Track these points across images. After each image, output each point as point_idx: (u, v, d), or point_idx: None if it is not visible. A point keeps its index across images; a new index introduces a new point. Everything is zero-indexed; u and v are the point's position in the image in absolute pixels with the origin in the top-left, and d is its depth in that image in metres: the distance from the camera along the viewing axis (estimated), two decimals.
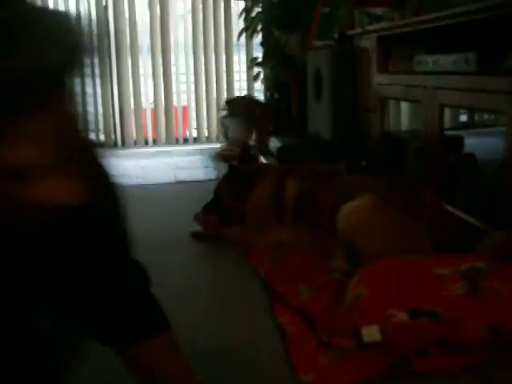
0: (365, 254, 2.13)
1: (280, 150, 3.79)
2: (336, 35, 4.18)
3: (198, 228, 2.89)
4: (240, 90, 6.26)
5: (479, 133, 4.06)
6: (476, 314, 1.65)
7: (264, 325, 1.90)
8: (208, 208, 2.86)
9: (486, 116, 4.36)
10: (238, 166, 2.90)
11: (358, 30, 3.73)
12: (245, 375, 1.60)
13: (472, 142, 3.05)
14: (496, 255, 1.90)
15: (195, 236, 2.86)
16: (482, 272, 1.75)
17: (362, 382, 1.55)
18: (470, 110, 3.02)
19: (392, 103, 3.63)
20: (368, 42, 3.62)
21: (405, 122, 3.72)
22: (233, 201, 2.75)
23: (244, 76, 6.33)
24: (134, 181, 4.43)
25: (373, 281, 1.81)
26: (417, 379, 1.56)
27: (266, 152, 4.40)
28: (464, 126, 4.46)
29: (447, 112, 2.87)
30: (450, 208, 2.59)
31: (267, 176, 2.70)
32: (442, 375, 1.58)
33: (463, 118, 4.53)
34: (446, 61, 2.69)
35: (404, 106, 3.70)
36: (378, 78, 3.50)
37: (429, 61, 2.86)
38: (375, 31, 3.48)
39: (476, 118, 4.52)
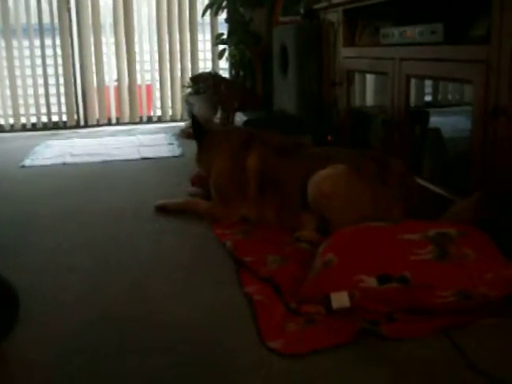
0: (335, 222, 2.11)
1: (246, 123, 3.75)
2: (302, 10, 4.13)
3: (161, 201, 2.84)
4: (205, 68, 6.19)
5: (443, 112, 4.08)
6: (445, 279, 1.64)
7: (231, 294, 1.87)
8: None
9: (449, 96, 4.38)
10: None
11: (324, 4, 3.70)
12: (212, 343, 1.57)
13: (436, 120, 3.06)
14: (463, 221, 1.89)
15: (160, 209, 2.81)
16: (451, 237, 1.74)
17: (330, 347, 1.52)
18: (436, 80, 3.01)
19: (358, 77, 3.61)
20: (334, 16, 3.58)
21: (370, 96, 3.70)
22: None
23: (209, 55, 6.26)
24: (97, 158, 4.34)
25: (342, 247, 1.78)
26: (386, 343, 1.55)
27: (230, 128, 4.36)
28: (428, 105, 4.48)
29: (412, 91, 2.86)
30: (417, 179, 2.59)
31: (226, 141, 2.66)
32: (410, 339, 1.56)
33: (428, 98, 4.55)
34: (412, 32, 2.67)
35: (370, 79, 3.68)
36: (345, 52, 3.47)
37: (395, 33, 2.84)
38: (341, 4, 3.45)
39: (440, 97, 4.55)
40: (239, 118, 4.03)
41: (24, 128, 6.01)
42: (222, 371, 1.45)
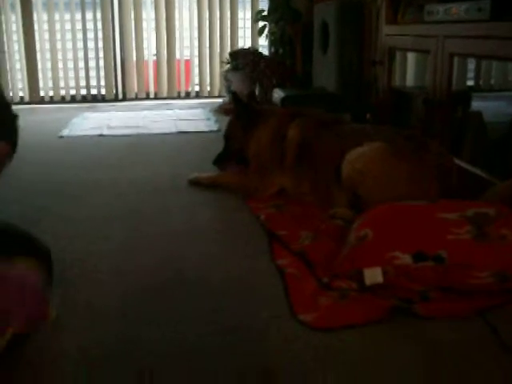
0: (369, 200, 2.07)
1: (283, 99, 3.72)
2: None
3: (195, 175, 2.84)
4: (244, 45, 6.14)
5: (485, 96, 3.99)
6: (482, 260, 1.61)
7: (263, 266, 1.87)
8: (219, 160, 2.80)
9: (492, 81, 4.28)
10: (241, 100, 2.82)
11: None
12: (244, 314, 1.57)
13: (478, 104, 2.99)
14: (502, 203, 1.85)
15: (193, 183, 2.81)
16: (490, 217, 1.70)
17: (362, 324, 1.51)
18: (481, 59, 2.93)
19: (399, 56, 3.54)
20: None
21: (411, 76, 3.63)
22: (244, 136, 2.70)
23: (248, 32, 6.21)
24: (134, 131, 4.36)
25: (378, 223, 1.76)
26: (418, 322, 1.52)
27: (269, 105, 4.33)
28: (471, 89, 4.39)
29: (454, 74, 2.79)
30: (456, 160, 2.54)
31: (270, 117, 2.63)
32: (443, 319, 1.54)
33: (470, 82, 4.45)
34: (458, 9, 2.60)
35: (411, 58, 3.61)
36: (387, 29, 3.41)
37: (440, 10, 2.77)
38: None
39: (482, 81, 4.45)
40: (277, 94, 4.00)
41: (63, 100, 6.07)
42: (253, 342, 1.44)
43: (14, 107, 1.97)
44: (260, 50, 5.85)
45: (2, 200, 2.53)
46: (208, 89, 6.24)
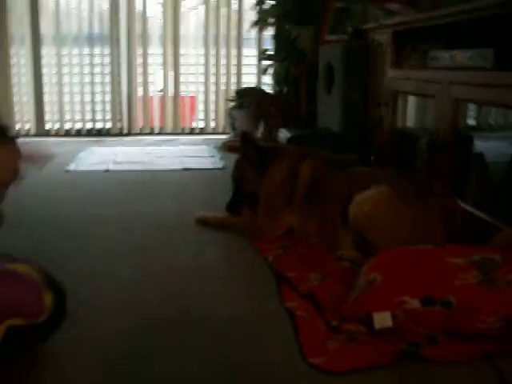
0: (376, 243, 2.11)
1: (289, 140, 3.77)
2: (350, 29, 4.16)
3: (202, 214, 2.87)
4: (249, 83, 6.23)
5: (485, 136, 4.04)
6: (489, 304, 1.63)
7: (272, 308, 1.88)
8: (232, 206, 2.78)
9: (492, 121, 4.34)
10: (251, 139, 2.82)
11: (373, 25, 3.71)
12: (252, 355, 1.59)
13: (479, 144, 3.04)
14: (509, 249, 1.88)
15: (200, 222, 2.83)
16: (496, 263, 1.73)
17: (370, 368, 1.53)
18: (487, 105, 2.99)
19: (403, 99, 3.61)
20: (383, 37, 3.60)
21: (415, 118, 3.69)
22: (255, 177, 2.68)
23: (253, 69, 6.31)
24: (140, 166, 4.41)
25: (386, 267, 1.78)
26: (426, 366, 1.54)
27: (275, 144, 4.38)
28: (471, 129, 4.45)
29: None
30: (460, 202, 2.57)
31: (283, 157, 2.66)
32: (451, 363, 1.56)
33: (470, 121, 4.51)
34: (462, 56, 2.67)
35: (414, 101, 3.67)
36: (392, 73, 3.48)
37: (444, 56, 2.84)
38: (391, 25, 3.46)
39: (482, 121, 4.50)
40: (283, 134, 4.05)
41: (68, 134, 6.13)
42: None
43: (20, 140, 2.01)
44: (265, 88, 5.94)
45: (12, 235, 2.56)
46: (212, 125, 6.31)
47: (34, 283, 1.42)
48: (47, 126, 6.12)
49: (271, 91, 5.79)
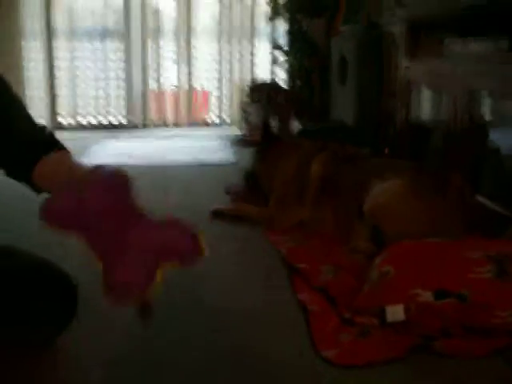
0: (391, 236, 2.07)
1: (302, 132, 3.75)
2: (363, 20, 4.12)
3: (217, 206, 2.87)
4: (263, 77, 6.21)
5: (501, 128, 4.00)
6: (504, 299, 1.61)
7: (284, 300, 1.88)
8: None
9: (508, 112, 4.30)
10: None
11: (387, 15, 3.67)
12: (263, 348, 1.58)
13: (494, 136, 3.00)
14: None
15: (215, 214, 2.83)
16: (511, 257, 1.70)
17: (383, 361, 1.51)
18: (501, 96, 2.95)
19: (417, 89, 3.57)
20: (397, 27, 3.56)
21: (430, 109, 3.65)
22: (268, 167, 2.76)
23: (267, 63, 6.29)
24: (154, 161, 4.41)
25: (400, 259, 1.76)
26: (439, 360, 1.52)
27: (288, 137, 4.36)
28: (486, 120, 4.40)
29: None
30: (476, 196, 2.55)
31: (297, 150, 2.66)
32: (463, 357, 1.54)
33: (485, 111, 4.46)
34: (477, 45, 2.63)
35: (429, 92, 3.64)
36: (406, 63, 3.44)
37: (459, 45, 2.80)
38: (404, 15, 3.42)
39: (497, 112, 4.46)
40: (296, 127, 4.03)
41: (82, 127, 6.15)
42: (273, 377, 1.45)
43: None
44: (278, 82, 5.91)
45: (27, 226, 2.57)
46: (226, 119, 6.30)
47: (187, 225, 1.37)
48: (60, 120, 6.13)
49: (284, 85, 5.76)
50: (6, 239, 1.65)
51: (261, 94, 5.28)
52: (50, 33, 5.91)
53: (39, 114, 6.01)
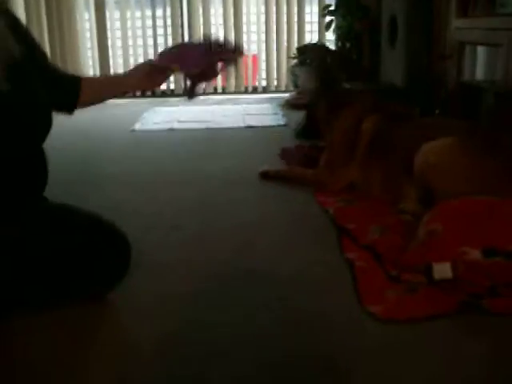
0: (441, 195, 2.06)
1: None
2: None
3: (265, 168, 2.90)
4: (311, 40, 6.16)
5: None
6: None
7: (332, 258, 1.90)
8: (303, 134, 2.87)
9: None
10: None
11: None
12: (312, 304, 1.61)
13: None
14: None
15: (263, 176, 2.86)
16: None
17: (430, 317, 1.52)
18: None
19: (469, 50, 3.49)
20: None
21: (481, 69, 3.58)
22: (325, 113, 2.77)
23: (316, 26, 6.23)
24: (203, 125, 4.46)
25: (448, 217, 1.76)
26: (486, 318, 1.52)
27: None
28: None
29: None
30: None
31: (350, 107, 2.66)
32: (510, 316, 1.53)
33: None
34: None
35: (480, 52, 3.55)
36: (457, 23, 3.37)
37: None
38: None
39: None
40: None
41: (134, 95, 6.22)
42: (320, 331, 1.48)
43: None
44: (327, 44, 5.86)
45: (81, 190, 2.66)
46: (275, 83, 6.28)
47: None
48: None
49: (333, 47, 5.71)
50: (66, 201, 1.71)
51: (311, 56, 5.25)
52: (102, 3, 6.02)
53: None
